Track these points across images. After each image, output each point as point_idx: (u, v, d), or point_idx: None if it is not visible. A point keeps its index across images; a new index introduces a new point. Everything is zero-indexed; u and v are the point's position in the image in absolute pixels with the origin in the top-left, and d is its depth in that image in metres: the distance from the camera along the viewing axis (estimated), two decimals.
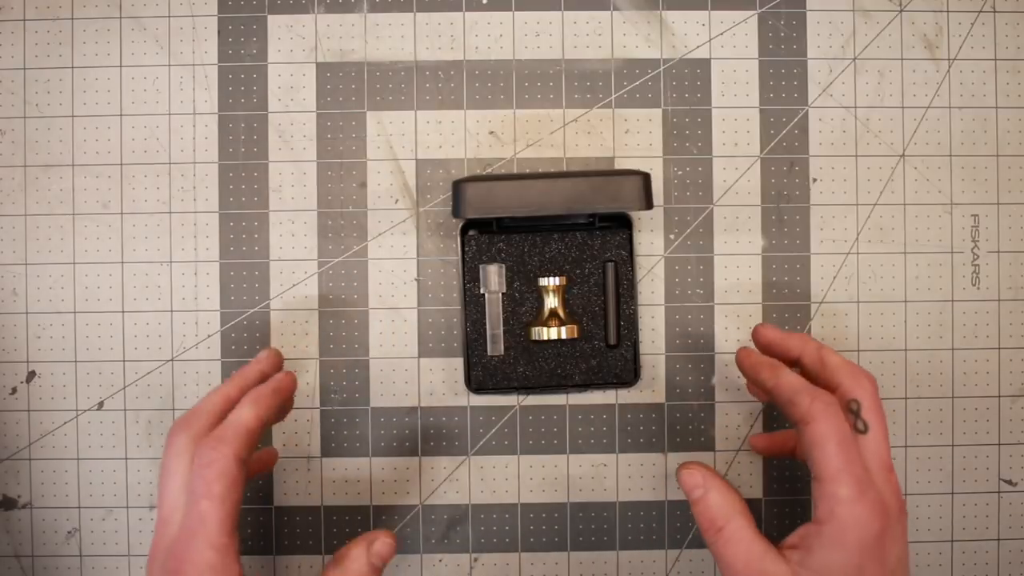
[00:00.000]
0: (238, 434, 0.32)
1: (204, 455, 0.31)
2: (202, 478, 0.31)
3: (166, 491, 0.32)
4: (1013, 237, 0.42)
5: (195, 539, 0.30)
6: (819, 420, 0.31)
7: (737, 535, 0.32)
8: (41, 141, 0.41)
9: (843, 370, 0.33)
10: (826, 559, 0.31)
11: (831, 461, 0.31)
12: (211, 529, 0.31)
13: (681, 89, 0.42)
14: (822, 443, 0.31)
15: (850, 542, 0.30)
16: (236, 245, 0.41)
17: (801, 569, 0.31)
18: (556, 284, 0.39)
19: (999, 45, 0.42)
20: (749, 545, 0.32)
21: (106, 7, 0.41)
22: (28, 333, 0.41)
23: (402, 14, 0.42)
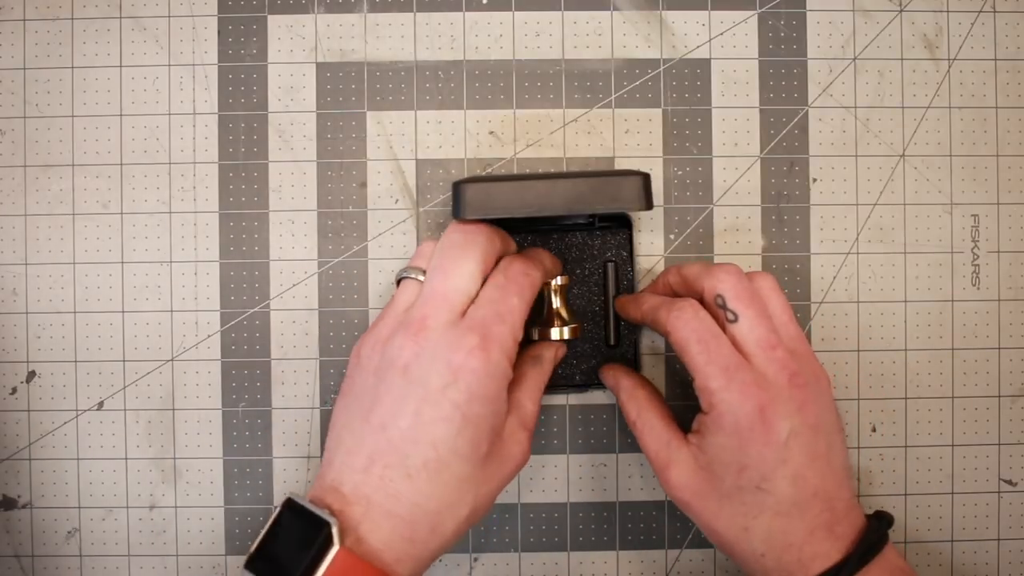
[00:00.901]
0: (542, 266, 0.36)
1: (520, 265, 0.34)
2: (517, 280, 0.34)
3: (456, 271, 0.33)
4: (1013, 237, 0.42)
5: (503, 323, 0.32)
6: (676, 328, 0.34)
7: (649, 424, 0.36)
8: (41, 141, 0.41)
9: (700, 274, 0.35)
10: (713, 443, 0.33)
11: (696, 359, 0.33)
12: (517, 322, 0.33)
13: (681, 89, 0.42)
14: (685, 346, 0.33)
15: (727, 426, 0.32)
16: (236, 245, 0.41)
17: (699, 452, 0.34)
18: (559, 284, 0.39)
19: (999, 45, 0.42)
20: (659, 434, 0.35)
21: (106, 7, 0.41)
22: (28, 333, 0.41)
23: (402, 14, 0.42)
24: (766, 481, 0.32)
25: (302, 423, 0.41)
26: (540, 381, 0.37)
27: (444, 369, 0.31)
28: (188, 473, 0.41)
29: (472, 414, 0.31)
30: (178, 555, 0.41)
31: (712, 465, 0.33)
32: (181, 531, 0.41)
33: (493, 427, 0.33)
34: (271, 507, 0.41)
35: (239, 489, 0.41)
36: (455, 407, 0.31)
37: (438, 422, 0.31)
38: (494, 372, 0.32)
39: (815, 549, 0.32)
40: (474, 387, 0.31)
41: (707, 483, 0.34)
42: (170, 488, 0.41)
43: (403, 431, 0.31)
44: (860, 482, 0.42)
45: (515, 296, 0.33)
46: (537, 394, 0.36)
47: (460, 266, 0.33)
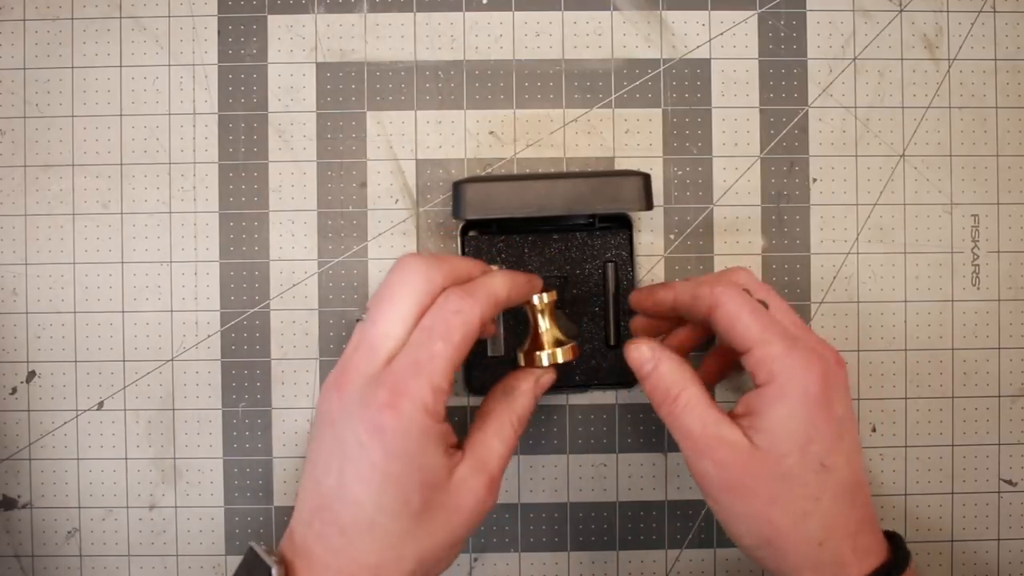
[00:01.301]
0: (488, 297, 0.32)
1: (452, 302, 0.31)
2: (444, 321, 0.31)
3: (384, 314, 0.31)
4: (1013, 237, 0.42)
5: (419, 376, 0.30)
6: (726, 300, 0.32)
7: (692, 402, 0.32)
8: (41, 141, 0.41)
9: (715, 282, 0.34)
10: (774, 417, 0.31)
11: (752, 329, 0.31)
12: (437, 371, 0.30)
13: (681, 89, 0.42)
14: (737, 317, 0.32)
15: (793, 395, 0.31)
16: (236, 245, 0.41)
17: (753, 432, 0.31)
18: (545, 302, 0.36)
19: (999, 45, 0.42)
20: (704, 412, 0.32)
21: (106, 7, 0.41)
22: (28, 333, 0.41)
23: (402, 14, 0.42)
24: (829, 457, 0.31)
25: (302, 423, 0.41)
26: (512, 416, 0.34)
27: (359, 427, 0.30)
28: (188, 473, 0.41)
29: (392, 472, 0.30)
30: (178, 555, 0.41)
31: (773, 442, 0.31)
32: (181, 531, 0.41)
33: (423, 482, 0.30)
34: (271, 507, 0.41)
35: (239, 489, 0.41)
36: (372, 467, 0.30)
37: (358, 482, 0.30)
38: (409, 429, 0.29)
39: (866, 541, 0.31)
40: (389, 446, 0.29)
41: (764, 463, 0.31)
42: (170, 488, 0.41)
43: (331, 488, 0.30)
44: None
45: (439, 340, 0.30)
46: (507, 431, 0.33)
47: (388, 310, 0.31)
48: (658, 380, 0.33)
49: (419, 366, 0.30)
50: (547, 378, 0.36)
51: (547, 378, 0.36)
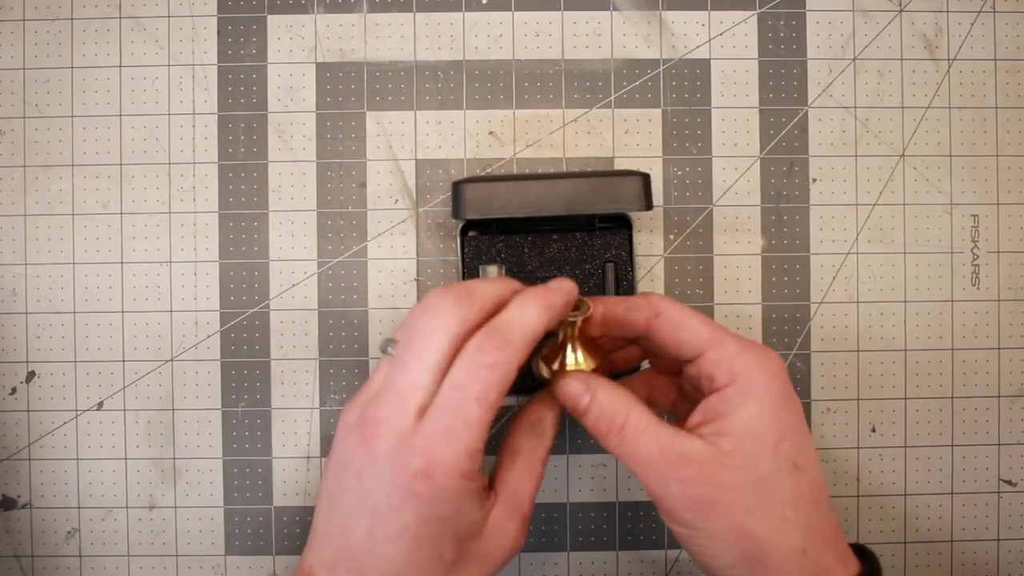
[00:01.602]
0: (525, 340, 0.29)
1: (488, 354, 0.28)
2: (480, 379, 0.28)
3: (414, 362, 0.29)
4: (1013, 237, 0.42)
5: (455, 442, 0.28)
6: (667, 306, 0.31)
7: (642, 425, 0.29)
8: (41, 141, 0.41)
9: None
10: (742, 418, 0.29)
11: (702, 331, 0.30)
12: (475, 436, 0.28)
13: (681, 89, 0.42)
14: (683, 321, 0.30)
15: (760, 392, 0.29)
16: (236, 245, 0.41)
17: (719, 438, 0.29)
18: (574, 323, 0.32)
19: (999, 45, 0.42)
20: (657, 432, 0.29)
21: (106, 7, 0.41)
22: (28, 333, 0.41)
23: (402, 14, 0.42)
24: (800, 455, 0.29)
25: (302, 423, 0.41)
26: (541, 452, 0.32)
27: (391, 490, 0.28)
28: (188, 473, 0.41)
29: (426, 534, 0.29)
30: (178, 555, 0.41)
31: (743, 446, 0.29)
32: (181, 531, 0.41)
33: (457, 536, 0.29)
34: (270, 507, 0.41)
35: (239, 489, 0.41)
36: (404, 528, 0.28)
37: (389, 541, 0.29)
38: (443, 496, 0.28)
39: (842, 548, 0.30)
40: (423, 512, 0.28)
41: (736, 471, 0.29)
42: (170, 488, 0.41)
43: (359, 540, 0.29)
44: (860, 482, 0.42)
45: (474, 403, 0.28)
46: (536, 467, 0.32)
47: (419, 357, 0.29)
48: (599, 411, 0.30)
49: (454, 433, 0.28)
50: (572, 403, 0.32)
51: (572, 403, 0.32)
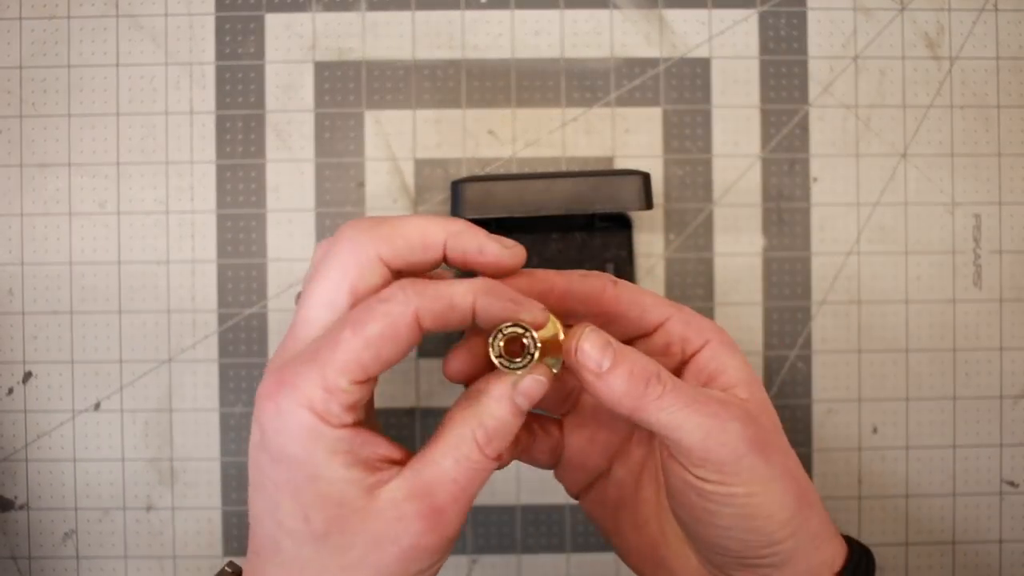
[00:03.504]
0: (439, 299, 0.25)
1: (387, 291, 0.25)
2: (367, 308, 0.24)
3: (313, 294, 0.26)
4: (1015, 237, 0.42)
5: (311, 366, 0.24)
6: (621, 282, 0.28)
7: (677, 381, 0.26)
8: (37, 140, 0.41)
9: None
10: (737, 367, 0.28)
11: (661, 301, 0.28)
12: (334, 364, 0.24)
13: (681, 88, 0.42)
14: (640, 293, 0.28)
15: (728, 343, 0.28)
16: (233, 245, 0.41)
17: (730, 391, 0.27)
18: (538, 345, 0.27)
19: (1001, 44, 0.42)
20: (686, 387, 0.26)
21: (102, 5, 0.41)
22: (24, 333, 0.41)
23: (400, 12, 0.41)
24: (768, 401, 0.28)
25: None
26: (475, 428, 0.25)
27: (254, 423, 0.25)
28: (185, 474, 0.41)
29: (280, 481, 0.25)
30: (175, 557, 0.41)
31: (753, 393, 0.27)
32: (178, 533, 0.41)
33: (323, 497, 0.24)
34: None
35: (237, 491, 0.41)
36: (260, 471, 0.25)
37: (254, 491, 0.26)
38: (288, 429, 0.24)
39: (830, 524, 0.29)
40: (271, 447, 0.24)
41: (764, 415, 0.27)
42: (167, 489, 0.41)
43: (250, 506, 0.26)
44: (862, 483, 0.41)
45: (348, 328, 0.24)
46: (467, 448, 0.25)
47: (313, 291, 0.26)
48: (629, 372, 0.26)
49: (315, 356, 0.24)
50: (530, 384, 0.26)
51: (530, 384, 0.26)
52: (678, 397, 0.25)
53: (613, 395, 0.26)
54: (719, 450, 0.25)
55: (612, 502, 0.30)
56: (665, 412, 0.25)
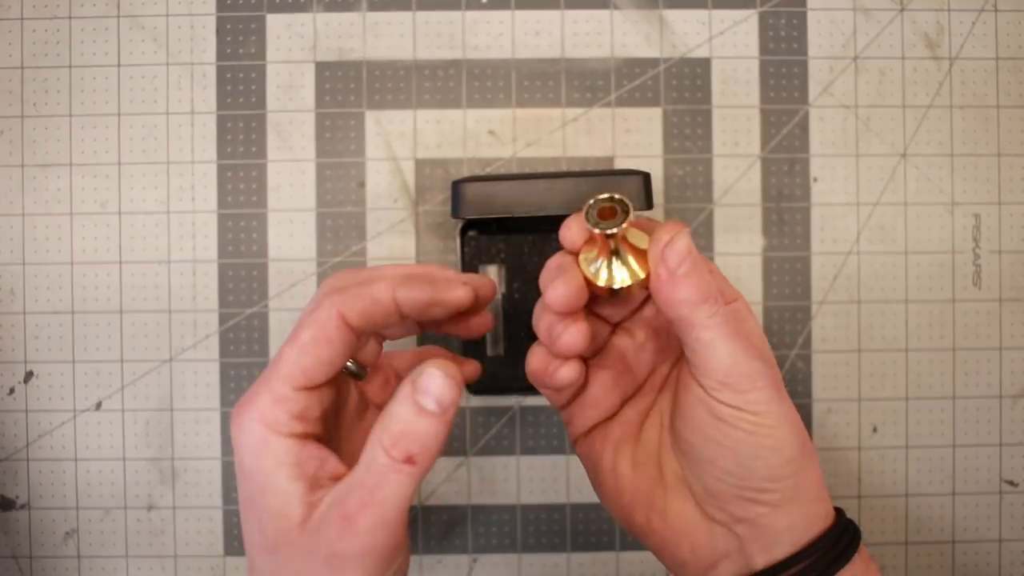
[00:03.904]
0: (359, 298, 0.27)
1: (314, 300, 0.28)
2: (301, 321, 0.28)
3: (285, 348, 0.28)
4: (1015, 237, 0.42)
5: (262, 383, 0.27)
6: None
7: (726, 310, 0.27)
8: (39, 140, 0.41)
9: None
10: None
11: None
12: (277, 375, 0.26)
13: (681, 88, 0.42)
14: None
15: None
16: (234, 245, 0.41)
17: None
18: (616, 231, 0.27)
19: (1001, 44, 0.42)
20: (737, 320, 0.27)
21: (104, 6, 0.41)
22: (26, 333, 0.41)
23: (401, 13, 0.41)
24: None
25: None
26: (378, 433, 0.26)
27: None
28: (186, 474, 0.41)
29: (244, 495, 0.27)
30: (176, 556, 0.41)
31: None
32: (179, 532, 0.41)
33: (271, 510, 0.26)
34: None
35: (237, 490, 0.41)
36: (238, 487, 0.28)
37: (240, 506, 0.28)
38: (246, 442, 0.26)
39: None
40: (238, 461, 0.27)
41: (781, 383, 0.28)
42: (168, 489, 0.41)
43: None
44: (861, 483, 0.42)
45: (287, 343, 0.27)
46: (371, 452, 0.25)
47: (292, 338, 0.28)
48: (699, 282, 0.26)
49: (266, 374, 0.27)
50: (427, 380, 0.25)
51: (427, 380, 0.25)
52: (724, 323, 0.26)
53: (674, 298, 0.26)
54: (744, 381, 0.26)
55: (614, 440, 0.31)
56: (707, 331, 0.26)
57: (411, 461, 0.25)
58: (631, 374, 0.31)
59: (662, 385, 0.31)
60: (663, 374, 0.31)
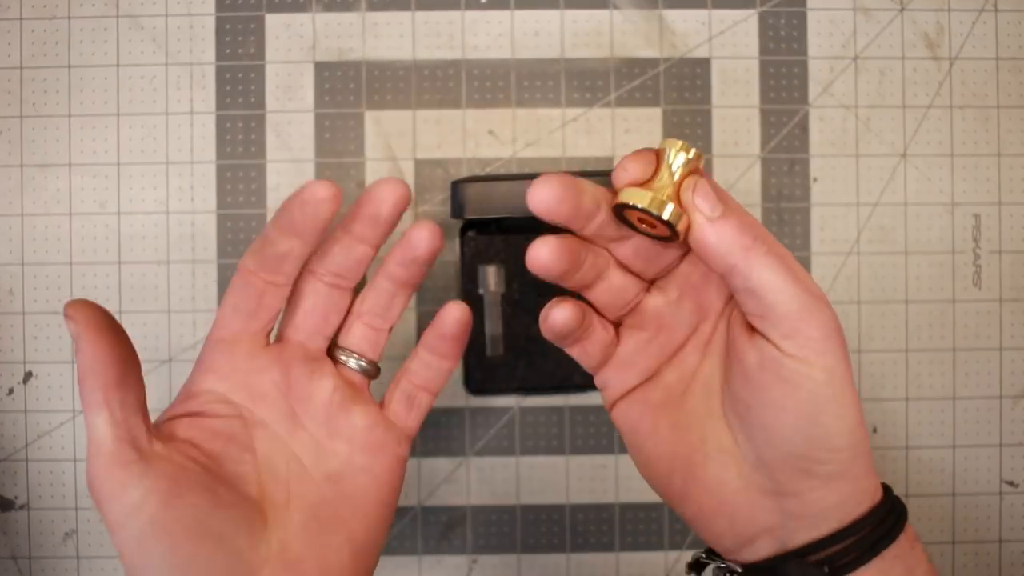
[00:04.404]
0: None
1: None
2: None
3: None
4: (1015, 237, 0.42)
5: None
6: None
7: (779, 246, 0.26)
8: (38, 140, 0.41)
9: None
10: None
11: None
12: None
13: (681, 88, 0.42)
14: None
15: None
16: (234, 245, 0.41)
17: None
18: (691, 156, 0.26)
19: (1001, 44, 0.42)
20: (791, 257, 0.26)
21: (103, 6, 0.41)
22: (25, 333, 0.41)
23: (400, 13, 0.41)
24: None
25: None
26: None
27: None
28: None
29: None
30: None
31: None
32: None
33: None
34: None
35: None
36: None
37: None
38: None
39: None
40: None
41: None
42: None
43: None
44: None
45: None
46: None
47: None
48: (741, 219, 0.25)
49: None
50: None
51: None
52: (782, 260, 0.25)
53: (722, 243, 0.25)
54: (813, 325, 0.25)
55: (655, 403, 0.29)
56: (768, 270, 0.25)
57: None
58: (668, 334, 0.29)
59: (706, 347, 0.29)
60: (706, 334, 0.29)
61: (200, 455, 0.27)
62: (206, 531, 0.26)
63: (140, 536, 0.25)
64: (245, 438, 0.29)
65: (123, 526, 0.25)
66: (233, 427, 0.29)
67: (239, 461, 0.28)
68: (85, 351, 0.25)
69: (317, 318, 0.31)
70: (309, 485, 0.30)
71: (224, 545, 0.26)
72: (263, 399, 0.30)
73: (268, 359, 0.30)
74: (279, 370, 0.30)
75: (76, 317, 0.25)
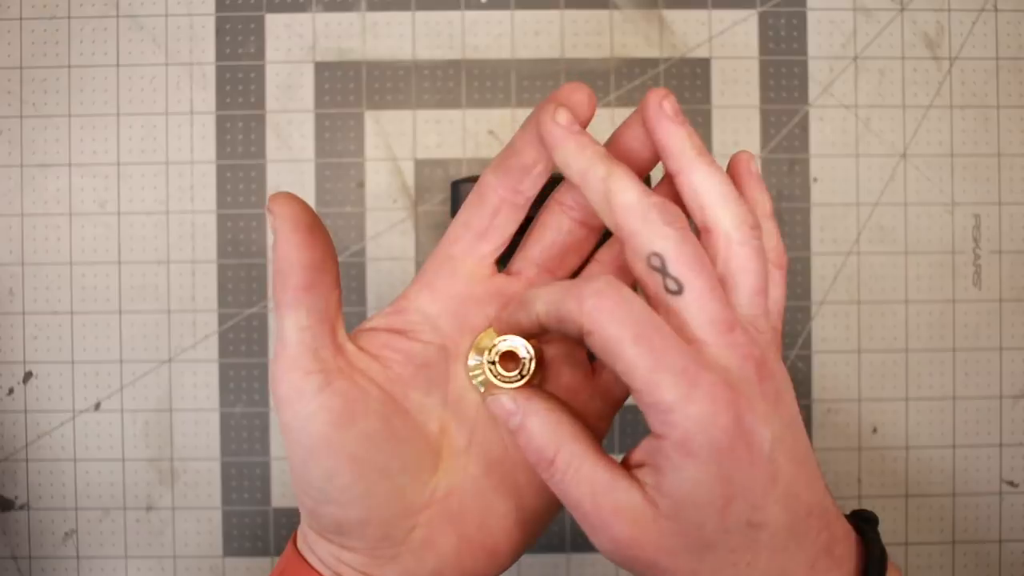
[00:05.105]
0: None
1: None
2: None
3: None
4: (1015, 237, 0.42)
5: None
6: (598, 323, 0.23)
7: (575, 463, 0.24)
8: (38, 140, 0.41)
9: (631, 214, 0.24)
10: (682, 480, 0.23)
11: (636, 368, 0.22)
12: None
13: (681, 88, 0.42)
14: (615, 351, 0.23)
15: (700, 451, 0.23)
16: (234, 245, 0.41)
17: (657, 495, 0.23)
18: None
19: (1001, 44, 0.42)
20: (591, 474, 0.24)
21: (103, 6, 0.41)
22: (25, 333, 0.41)
23: (400, 13, 0.41)
24: (757, 512, 0.23)
25: None
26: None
27: None
28: (186, 474, 0.41)
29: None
30: (175, 556, 0.41)
31: (683, 510, 0.23)
32: (179, 533, 0.41)
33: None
34: (268, 509, 0.41)
35: (237, 491, 0.41)
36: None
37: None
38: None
39: (826, 563, 0.25)
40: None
41: (677, 535, 0.23)
42: (167, 489, 0.41)
43: None
44: (861, 483, 0.41)
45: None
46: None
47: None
48: (527, 440, 0.25)
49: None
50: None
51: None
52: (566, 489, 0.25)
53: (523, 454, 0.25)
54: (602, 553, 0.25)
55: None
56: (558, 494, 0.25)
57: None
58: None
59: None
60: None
61: (387, 378, 0.26)
62: (370, 463, 0.24)
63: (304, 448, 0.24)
64: (441, 370, 0.27)
65: (292, 431, 0.24)
66: (432, 355, 0.26)
67: (427, 392, 0.26)
68: (280, 249, 0.24)
69: (554, 256, 0.27)
70: (494, 437, 0.27)
71: (386, 480, 0.24)
72: (472, 333, 0.27)
73: (489, 291, 0.27)
74: (497, 306, 0.27)
75: (276, 211, 0.24)
